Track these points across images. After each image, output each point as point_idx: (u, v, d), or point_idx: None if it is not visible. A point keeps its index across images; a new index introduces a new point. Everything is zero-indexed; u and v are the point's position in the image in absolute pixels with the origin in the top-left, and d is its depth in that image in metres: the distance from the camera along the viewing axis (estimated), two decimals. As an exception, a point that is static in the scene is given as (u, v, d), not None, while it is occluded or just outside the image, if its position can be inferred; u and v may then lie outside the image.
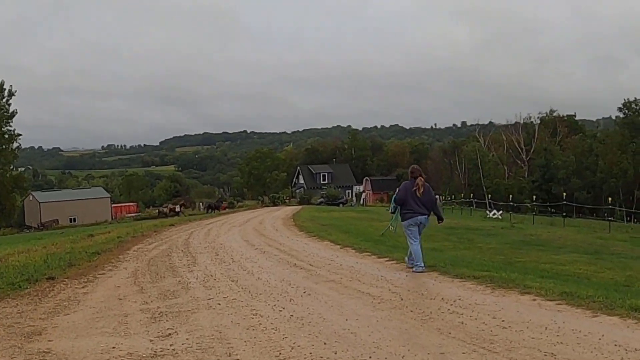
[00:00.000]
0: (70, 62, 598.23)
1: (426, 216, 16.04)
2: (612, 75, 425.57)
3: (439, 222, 17.09)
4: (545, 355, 7.67)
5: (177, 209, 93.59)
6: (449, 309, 10.80)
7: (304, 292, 12.88)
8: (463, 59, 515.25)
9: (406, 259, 16.70)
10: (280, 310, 11.08)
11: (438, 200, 25.72)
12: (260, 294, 12.91)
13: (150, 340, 9.28)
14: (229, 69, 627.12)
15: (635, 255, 26.91)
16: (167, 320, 10.69)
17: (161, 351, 8.59)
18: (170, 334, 9.66)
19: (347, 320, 10.16)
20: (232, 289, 13.76)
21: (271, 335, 9.26)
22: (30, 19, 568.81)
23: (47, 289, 14.68)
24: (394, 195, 16.77)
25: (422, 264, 15.70)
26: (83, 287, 14.93)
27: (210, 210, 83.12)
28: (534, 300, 11.46)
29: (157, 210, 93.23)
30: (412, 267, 15.90)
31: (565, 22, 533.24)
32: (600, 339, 8.27)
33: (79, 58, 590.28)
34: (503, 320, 9.69)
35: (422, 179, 16.16)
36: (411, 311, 10.75)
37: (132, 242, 27.58)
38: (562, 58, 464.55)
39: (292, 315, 10.62)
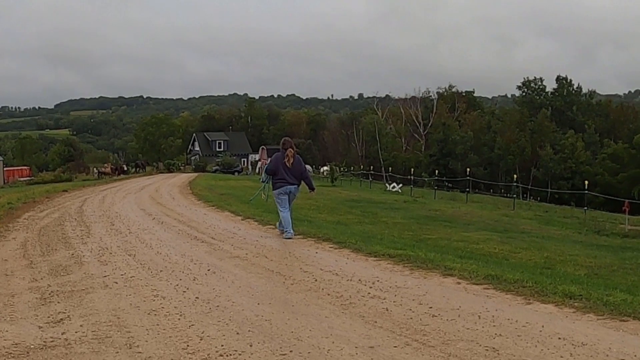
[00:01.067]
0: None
1: (296, 186, 16.97)
2: (508, 54, 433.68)
3: (310, 191, 18.24)
4: (486, 349, 6.92)
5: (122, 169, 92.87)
6: (369, 293, 9.98)
7: (209, 270, 11.87)
8: (360, 31, 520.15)
9: (277, 224, 17.60)
10: (184, 292, 10.07)
11: (309, 171, 25.94)
12: (161, 271, 11.85)
13: (40, 327, 8.18)
14: (121, 29, 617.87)
15: (545, 235, 26.63)
16: (58, 302, 9.57)
17: (52, 341, 7.50)
18: (62, 319, 8.56)
19: (259, 304, 9.25)
20: (130, 264, 12.65)
21: (176, 322, 8.27)
22: None
23: None
24: (266, 166, 18.11)
25: (292, 231, 16.69)
26: (-35, 260, 13.67)
27: (138, 170, 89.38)
28: (459, 283, 10.78)
29: (97, 172, 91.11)
30: (282, 234, 16.83)
31: (461, 0, 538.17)
32: (540, 330, 7.59)
33: None
34: (431, 307, 8.94)
35: (292, 151, 17.00)
36: (328, 294, 9.88)
37: (22, 209, 25.97)
38: (459, 35, 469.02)
39: (197, 298, 9.63)
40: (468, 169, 63.32)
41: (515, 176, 59.87)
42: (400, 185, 62.17)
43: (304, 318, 8.41)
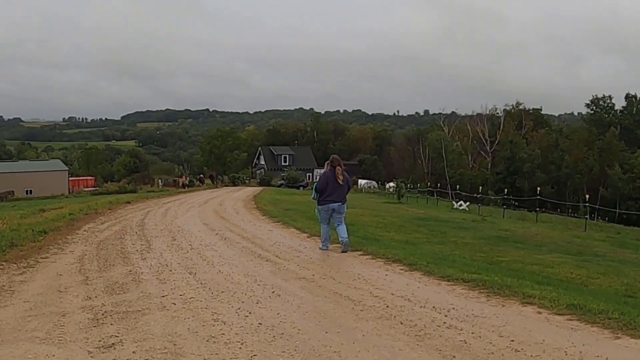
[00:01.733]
0: (27, 31, 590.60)
1: (339, 203, 17.47)
2: (573, 71, 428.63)
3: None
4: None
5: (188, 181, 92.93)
6: (445, 322, 9.15)
7: (273, 292, 11.11)
8: (425, 49, 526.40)
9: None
10: (247, 316, 9.34)
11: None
12: (222, 292, 11.13)
13: (89, 353, 7.56)
14: (188, 46, 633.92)
15: (621, 259, 25.39)
16: (111, 324, 8.92)
17: (101, 369, 6.85)
18: (114, 343, 7.91)
19: (327, 332, 8.49)
20: (190, 284, 11.93)
21: (237, 351, 7.56)
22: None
23: (-22, 275, 12.87)
24: (315, 184, 18.24)
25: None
26: (21, 274, 13.05)
27: (214, 181, 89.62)
28: (539, 313, 9.87)
29: (174, 182, 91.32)
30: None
31: (527, 17, 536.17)
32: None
33: (37, 28, 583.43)
34: (512, 340, 8.10)
35: (341, 168, 17.56)
36: (401, 323, 9.09)
37: (83, 221, 25.55)
38: (523, 52, 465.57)
39: (260, 324, 8.90)
40: (538, 188, 61.82)
41: (587, 196, 57.98)
42: (468, 203, 61.00)
43: (376, 350, 7.63)
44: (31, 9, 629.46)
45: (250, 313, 9.52)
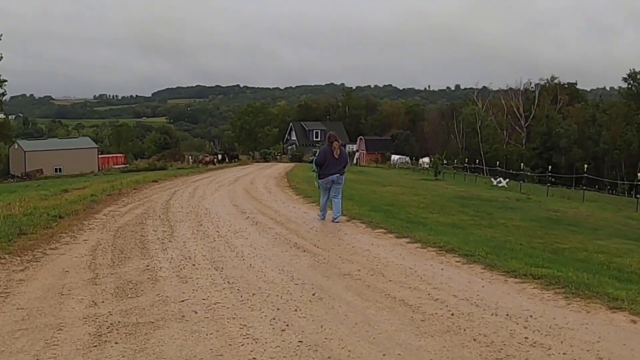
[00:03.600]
0: (55, 7, 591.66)
1: (338, 174, 18.61)
2: (606, 44, 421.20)
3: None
4: None
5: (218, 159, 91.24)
6: (526, 337, 7.36)
7: (314, 295, 9.30)
8: (454, 18, 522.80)
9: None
10: (283, 330, 7.56)
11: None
12: (254, 294, 9.32)
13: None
14: (214, 18, 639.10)
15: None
16: (115, 343, 7.17)
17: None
18: (115, 374, 6.18)
19: (384, 356, 6.71)
20: (215, 283, 10.10)
21: (272, 387, 5.80)
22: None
23: (-27, 272, 11.16)
24: (315, 158, 19.65)
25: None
26: (23, 270, 11.29)
27: (230, 159, 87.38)
28: (634, 322, 8.05)
29: (199, 161, 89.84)
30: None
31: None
32: None
33: (64, 2, 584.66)
34: None
35: (338, 143, 18.77)
36: (474, 339, 7.29)
37: (104, 203, 23.84)
38: (556, 23, 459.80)
39: (301, 342, 7.14)
40: (586, 166, 59.72)
41: (639, 174, 55.83)
42: (507, 180, 59.21)
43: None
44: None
45: (287, 325, 7.74)
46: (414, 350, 6.90)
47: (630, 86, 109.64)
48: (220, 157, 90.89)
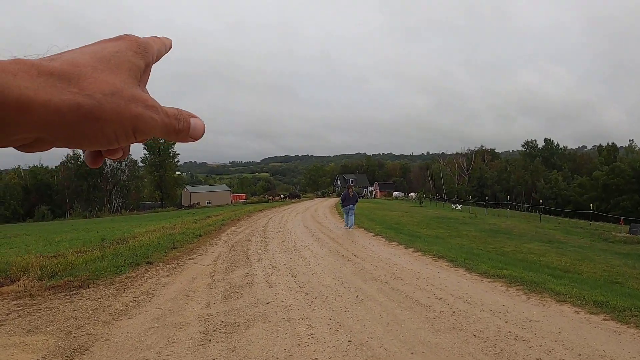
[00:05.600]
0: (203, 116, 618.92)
1: (352, 205, 19.58)
2: (509, 126, 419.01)
3: (354, 204, 19.95)
4: None
5: (281, 196, 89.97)
6: (510, 332, 5.60)
7: (357, 297, 7.47)
8: (424, 113, 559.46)
9: (345, 225, 19.76)
10: (337, 330, 5.78)
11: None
12: (316, 297, 7.52)
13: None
14: (294, 117, 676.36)
15: (576, 244, 21.07)
16: (217, 341, 5.47)
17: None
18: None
19: (412, 354, 4.93)
20: (291, 287, 8.28)
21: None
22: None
23: (139, 276, 9.55)
24: (341, 197, 20.29)
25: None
26: (168, 275, 9.68)
27: (291, 197, 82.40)
28: (577, 313, 6.37)
29: (267, 198, 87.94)
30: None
31: (477, 94, 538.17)
32: None
33: (207, 113, 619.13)
34: (580, 355, 4.69)
35: (351, 189, 20.10)
36: (474, 335, 5.49)
37: (229, 225, 22.22)
38: (481, 116, 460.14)
39: (350, 341, 5.36)
40: (508, 196, 57.57)
41: (540, 201, 53.40)
42: (460, 205, 57.10)
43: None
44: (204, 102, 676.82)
45: (340, 326, 5.97)
46: (433, 347, 5.12)
47: (525, 149, 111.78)
48: (282, 196, 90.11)
